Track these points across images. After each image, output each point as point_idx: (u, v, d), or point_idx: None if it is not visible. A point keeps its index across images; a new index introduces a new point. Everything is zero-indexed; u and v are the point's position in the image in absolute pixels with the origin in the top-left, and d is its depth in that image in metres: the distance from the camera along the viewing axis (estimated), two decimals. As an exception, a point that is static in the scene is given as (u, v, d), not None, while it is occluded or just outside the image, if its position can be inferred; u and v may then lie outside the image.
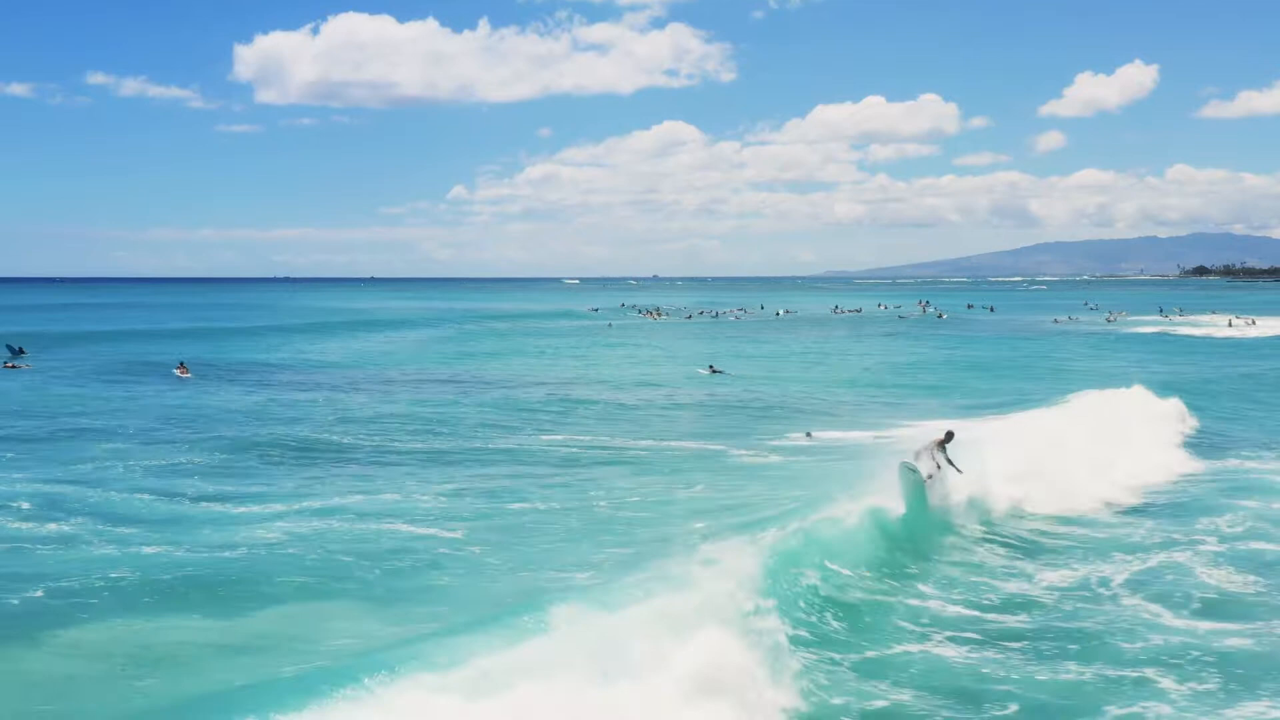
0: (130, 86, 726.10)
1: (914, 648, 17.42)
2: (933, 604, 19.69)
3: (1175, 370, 62.54)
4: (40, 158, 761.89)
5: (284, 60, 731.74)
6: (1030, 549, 23.73)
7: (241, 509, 25.52)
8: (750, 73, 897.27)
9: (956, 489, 24.86)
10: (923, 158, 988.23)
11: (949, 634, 18.03)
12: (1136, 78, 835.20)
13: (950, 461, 24.93)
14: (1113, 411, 39.27)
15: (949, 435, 25.60)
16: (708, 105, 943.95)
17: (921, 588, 20.54)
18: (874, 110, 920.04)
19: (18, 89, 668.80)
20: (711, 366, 65.93)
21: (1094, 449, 31.38)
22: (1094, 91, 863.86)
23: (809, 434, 38.38)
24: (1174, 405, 41.11)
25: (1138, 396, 42.34)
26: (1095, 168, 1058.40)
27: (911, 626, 18.42)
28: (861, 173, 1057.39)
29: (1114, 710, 14.64)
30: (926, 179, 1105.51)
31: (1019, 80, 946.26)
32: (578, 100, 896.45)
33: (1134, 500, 28.04)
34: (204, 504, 26.09)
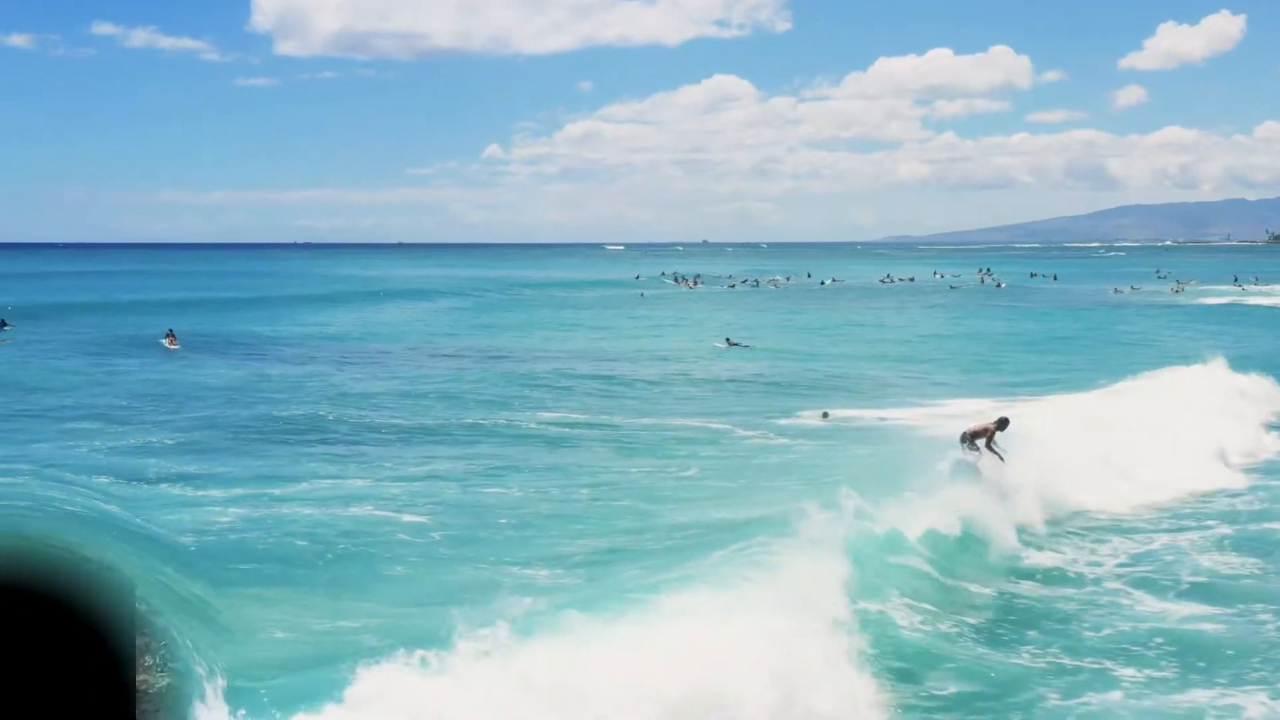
0: (139, 37, 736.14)
1: (872, 606, 17.67)
2: (909, 559, 20.01)
3: (1238, 344, 62.00)
4: (42, 114, 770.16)
5: (305, 9, 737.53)
6: (1024, 527, 23.93)
7: (201, 491, 26.04)
8: (806, 22, 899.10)
9: (1005, 478, 25.03)
10: (992, 114, 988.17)
11: (908, 600, 18.46)
12: (1223, 28, 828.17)
13: (993, 448, 25.27)
14: (1155, 393, 39.00)
15: (1003, 422, 25.89)
16: (761, 58, 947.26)
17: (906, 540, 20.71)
18: (940, 63, 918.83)
19: (18, 39, 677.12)
20: (729, 339, 66.18)
21: (1128, 433, 31.32)
22: (1177, 43, 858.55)
23: (825, 414, 38.52)
24: (1244, 383, 40.48)
25: (1198, 376, 41.54)
26: (1178, 125, 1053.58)
27: (875, 581, 18.64)
28: (926, 130, 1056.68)
29: (1054, 700, 14.94)
30: (996, 137, 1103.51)
31: (1096, 31, 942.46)
32: (621, 52, 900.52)
33: (1153, 483, 28.05)
34: (164, 486, 26.66)
